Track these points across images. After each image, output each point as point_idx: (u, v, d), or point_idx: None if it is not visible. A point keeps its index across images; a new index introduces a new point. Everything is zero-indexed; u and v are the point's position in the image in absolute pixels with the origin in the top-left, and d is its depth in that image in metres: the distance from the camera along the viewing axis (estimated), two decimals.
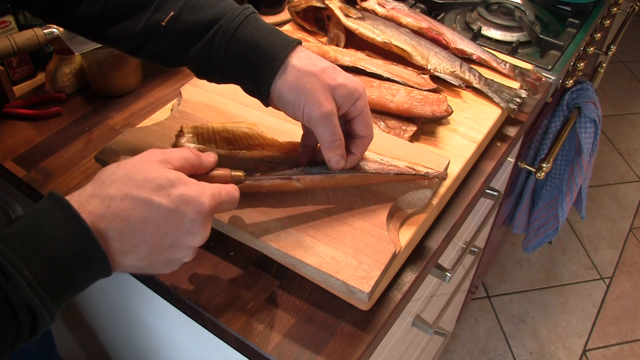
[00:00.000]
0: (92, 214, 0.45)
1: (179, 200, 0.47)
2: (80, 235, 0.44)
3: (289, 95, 0.57)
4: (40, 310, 0.41)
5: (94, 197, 0.46)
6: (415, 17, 0.94)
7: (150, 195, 0.46)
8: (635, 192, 2.26)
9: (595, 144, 1.33)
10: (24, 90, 0.91)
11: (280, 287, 0.64)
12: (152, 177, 0.48)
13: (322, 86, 0.56)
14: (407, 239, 0.64)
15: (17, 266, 0.40)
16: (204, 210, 0.49)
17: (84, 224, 0.44)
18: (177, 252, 0.49)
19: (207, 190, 0.50)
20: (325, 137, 0.58)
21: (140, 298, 0.79)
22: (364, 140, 0.61)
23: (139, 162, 0.49)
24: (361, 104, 0.59)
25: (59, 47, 0.87)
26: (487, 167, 0.81)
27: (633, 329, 1.80)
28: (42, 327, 0.43)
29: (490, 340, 1.75)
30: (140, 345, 0.93)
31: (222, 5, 0.59)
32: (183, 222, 0.48)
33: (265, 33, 0.58)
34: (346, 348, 0.59)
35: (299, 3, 0.96)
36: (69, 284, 0.44)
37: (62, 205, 0.44)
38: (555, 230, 1.47)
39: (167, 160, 0.50)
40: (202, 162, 0.54)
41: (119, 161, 0.50)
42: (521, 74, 0.90)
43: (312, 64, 0.57)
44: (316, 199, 0.65)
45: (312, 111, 0.56)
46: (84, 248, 0.44)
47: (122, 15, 0.60)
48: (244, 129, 0.69)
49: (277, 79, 0.57)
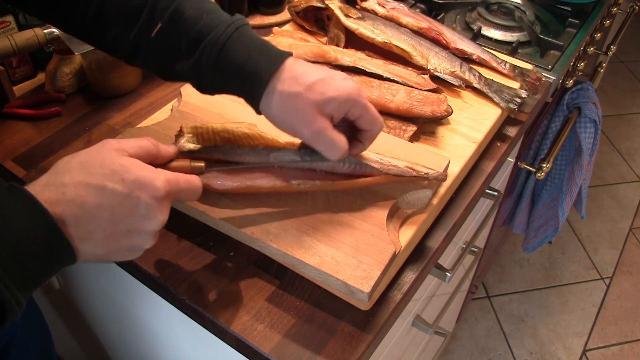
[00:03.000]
0: (47, 201, 0.45)
1: (133, 185, 0.47)
2: (42, 223, 0.44)
3: (277, 118, 0.57)
4: (9, 301, 0.42)
5: (48, 186, 0.46)
6: (415, 17, 0.94)
7: (103, 182, 0.46)
8: (635, 192, 2.26)
9: (595, 144, 1.33)
10: (24, 90, 0.91)
11: (280, 287, 0.64)
12: (106, 163, 0.48)
13: (308, 106, 0.55)
14: (407, 239, 0.64)
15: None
16: (159, 194, 0.48)
17: (46, 212, 0.44)
18: (135, 237, 0.49)
19: (161, 175, 0.49)
20: (324, 152, 0.58)
21: (139, 298, 0.79)
22: (371, 134, 0.61)
23: (94, 150, 0.49)
24: (357, 110, 0.57)
25: (59, 47, 0.87)
26: (487, 167, 0.81)
27: (633, 329, 1.80)
28: (10, 317, 0.43)
29: (490, 340, 1.75)
30: (140, 345, 0.93)
31: (207, 20, 0.57)
32: (138, 207, 0.48)
33: (248, 54, 0.56)
34: (346, 348, 0.59)
35: (299, 3, 0.96)
36: (34, 272, 0.44)
37: (22, 195, 0.44)
38: (555, 230, 1.47)
39: (122, 148, 0.50)
40: (159, 151, 0.54)
41: (75, 153, 0.49)
42: (521, 74, 0.90)
43: (296, 83, 0.55)
44: (316, 199, 0.65)
45: (303, 130, 0.56)
46: (46, 234, 0.44)
47: (115, 21, 0.59)
48: (244, 129, 0.69)
49: (264, 102, 0.57)
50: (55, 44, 0.87)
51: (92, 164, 0.47)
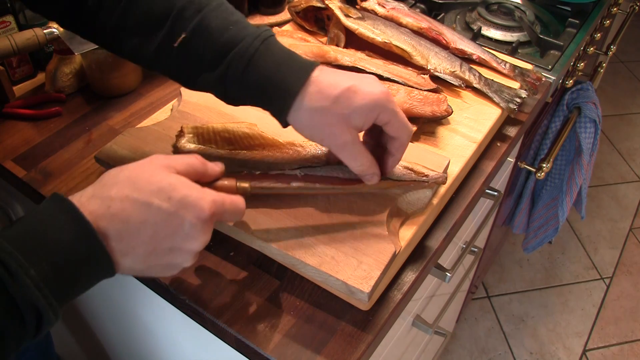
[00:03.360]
0: (92, 213, 0.45)
1: (179, 204, 0.47)
2: (85, 236, 0.44)
3: (305, 132, 0.57)
4: (46, 310, 0.42)
5: (94, 198, 0.46)
6: (415, 17, 0.94)
7: (150, 198, 0.46)
8: (635, 192, 2.26)
9: (595, 144, 1.33)
10: (24, 90, 0.91)
11: (280, 287, 0.64)
12: (154, 180, 0.48)
13: (335, 119, 0.55)
14: (407, 239, 0.64)
15: (24, 266, 0.41)
16: (204, 215, 0.48)
17: (89, 225, 0.44)
18: (176, 256, 0.49)
19: (208, 196, 0.49)
20: (350, 165, 0.58)
21: (140, 298, 0.79)
22: (400, 141, 0.60)
23: (142, 165, 0.49)
24: (387, 114, 0.57)
25: (59, 47, 0.87)
26: (487, 167, 0.81)
27: (633, 329, 1.80)
28: (47, 326, 0.43)
29: (490, 340, 1.75)
30: (140, 345, 0.93)
31: (234, 32, 0.57)
32: (182, 226, 0.48)
33: (276, 67, 0.56)
34: (346, 348, 0.59)
35: (299, 3, 0.96)
36: (73, 283, 0.44)
37: (66, 206, 0.45)
38: (555, 230, 1.47)
39: (171, 165, 0.50)
40: (207, 169, 0.53)
41: (123, 165, 0.49)
42: (521, 74, 0.90)
43: (323, 97, 0.55)
44: (316, 199, 0.65)
45: (331, 144, 0.57)
46: (87, 248, 0.44)
47: (137, 32, 0.59)
48: (244, 129, 0.69)
49: (291, 114, 0.56)
50: (55, 44, 0.87)
51: (140, 179, 0.47)
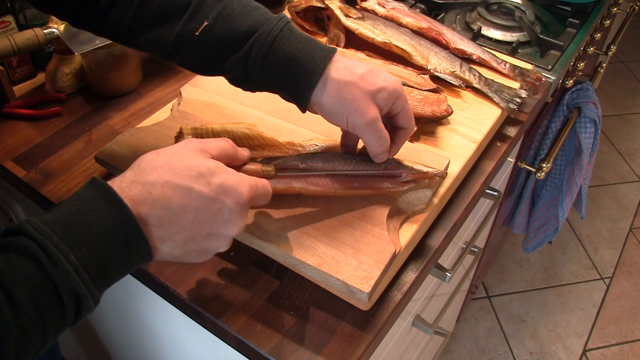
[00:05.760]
0: (133, 200, 0.45)
1: (219, 189, 0.48)
2: (124, 222, 0.44)
3: (331, 107, 0.57)
4: (85, 295, 0.42)
5: (135, 183, 0.46)
6: (415, 17, 0.94)
7: (190, 183, 0.47)
8: (635, 192, 2.26)
9: (595, 144, 1.33)
10: (24, 90, 0.91)
11: (280, 287, 0.64)
12: (193, 165, 0.48)
13: (362, 94, 0.57)
14: (407, 239, 0.64)
15: (64, 251, 0.41)
16: (243, 200, 0.49)
17: (128, 211, 0.44)
18: (213, 241, 0.50)
19: (245, 181, 0.50)
20: (372, 142, 0.59)
21: (140, 298, 0.79)
22: (406, 131, 0.62)
23: (178, 150, 0.50)
24: (402, 102, 0.59)
25: (59, 47, 0.87)
26: (487, 167, 0.81)
27: (633, 329, 1.80)
28: (86, 311, 0.44)
29: (490, 340, 1.75)
30: (141, 345, 0.93)
31: (256, 16, 0.58)
32: (222, 211, 0.48)
33: (301, 45, 0.57)
34: (346, 348, 0.59)
35: (299, 3, 0.96)
36: (112, 269, 0.45)
37: (105, 192, 0.45)
38: (555, 230, 1.47)
39: (205, 149, 0.51)
40: (237, 153, 0.54)
41: (157, 150, 0.50)
42: (521, 74, 0.90)
43: (350, 72, 0.57)
44: (316, 199, 0.65)
45: (357, 120, 0.57)
46: (127, 234, 0.44)
47: (154, 24, 0.59)
48: (244, 130, 0.69)
49: (317, 91, 0.57)
50: (55, 44, 0.87)
51: (179, 164, 0.48)
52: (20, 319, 0.39)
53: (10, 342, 0.39)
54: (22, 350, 0.40)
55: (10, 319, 0.39)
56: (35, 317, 0.40)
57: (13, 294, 0.39)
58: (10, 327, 0.39)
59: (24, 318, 0.39)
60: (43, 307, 0.41)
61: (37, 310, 0.40)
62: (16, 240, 0.41)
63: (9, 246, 0.41)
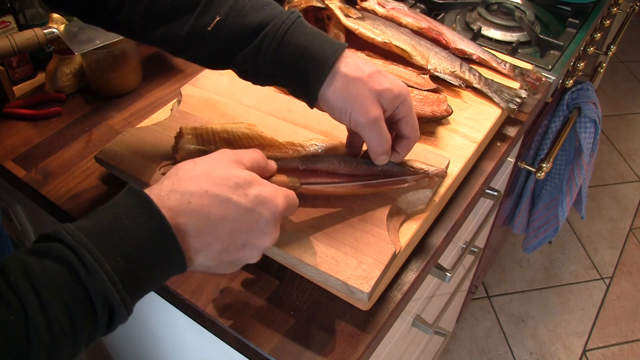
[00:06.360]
0: (171, 209, 0.45)
1: (256, 200, 0.48)
2: (160, 232, 0.44)
3: (337, 102, 0.57)
4: (119, 305, 0.42)
5: (173, 192, 0.46)
6: (415, 17, 0.94)
7: (229, 194, 0.47)
8: (635, 192, 2.26)
9: (595, 144, 1.33)
10: (24, 90, 0.91)
11: (280, 287, 0.64)
12: (230, 175, 0.48)
13: (369, 92, 0.57)
14: (407, 239, 0.64)
15: (99, 260, 0.40)
16: (278, 211, 0.50)
17: (165, 221, 0.44)
18: (247, 252, 0.50)
19: (280, 192, 0.51)
20: (373, 142, 0.59)
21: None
22: (409, 141, 0.62)
23: (215, 160, 0.50)
24: (406, 107, 0.59)
25: (59, 47, 0.87)
26: (487, 167, 0.81)
27: (633, 329, 1.80)
28: (119, 322, 0.43)
29: (490, 340, 1.75)
30: (141, 345, 0.93)
31: (268, 10, 0.58)
32: (258, 222, 0.48)
33: (312, 39, 0.57)
34: (346, 348, 0.59)
35: (299, 3, 0.95)
36: (146, 279, 0.44)
37: (143, 200, 0.44)
38: (555, 230, 1.47)
39: (240, 160, 0.51)
40: (267, 165, 0.55)
41: (194, 159, 0.50)
42: (521, 74, 0.90)
43: (359, 69, 0.57)
44: (316, 199, 0.65)
45: (360, 117, 0.57)
46: (163, 245, 0.44)
47: (165, 20, 0.59)
48: (244, 130, 0.69)
49: (325, 85, 0.57)
50: (55, 44, 0.87)
51: (216, 174, 0.48)
52: (52, 327, 0.39)
53: (42, 349, 0.38)
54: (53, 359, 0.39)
55: (43, 326, 0.38)
56: (67, 325, 0.39)
57: (46, 301, 0.39)
58: (42, 335, 0.38)
59: (56, 326, 0.39)
60: (75, 315, 0.40)
61: (70, 318, 0.40)
62: (51, 247, 0.40)
63: (44, 252, 0.40)
